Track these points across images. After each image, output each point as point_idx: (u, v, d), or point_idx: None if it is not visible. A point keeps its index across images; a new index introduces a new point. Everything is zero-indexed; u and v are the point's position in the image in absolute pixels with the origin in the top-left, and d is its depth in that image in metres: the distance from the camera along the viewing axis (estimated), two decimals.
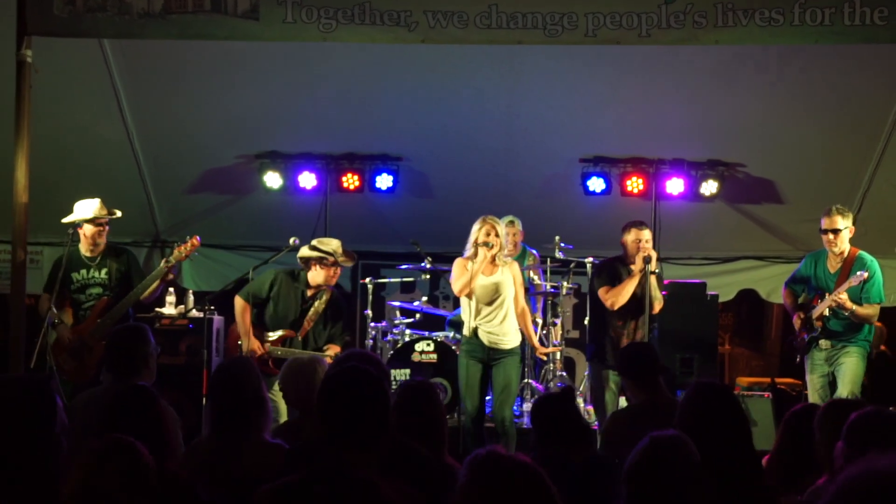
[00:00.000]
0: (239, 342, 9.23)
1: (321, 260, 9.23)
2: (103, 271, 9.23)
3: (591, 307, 9.82)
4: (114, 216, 9.38)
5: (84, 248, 9.26)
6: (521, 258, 10.66)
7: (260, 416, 5.20)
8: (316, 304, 9.28)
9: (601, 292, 9.25)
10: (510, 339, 8.92)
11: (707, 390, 4.73)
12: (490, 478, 3.23)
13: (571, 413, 5.71)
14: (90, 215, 9.21)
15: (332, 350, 9.08)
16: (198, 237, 9.24)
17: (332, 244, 9.31)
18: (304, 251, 9.30)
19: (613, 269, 9.39)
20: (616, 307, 9.18)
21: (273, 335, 9.22)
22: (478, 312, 8.87)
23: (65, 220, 9.25)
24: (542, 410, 5.78)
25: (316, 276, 9.23)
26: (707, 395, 4.67)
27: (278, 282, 9.28)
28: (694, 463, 3.90)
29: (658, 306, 9.22)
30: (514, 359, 8.91)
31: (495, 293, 8.86)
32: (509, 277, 8.92)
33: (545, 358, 9.18)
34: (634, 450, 3.94)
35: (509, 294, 8.91)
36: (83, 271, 9.22)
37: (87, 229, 9.22)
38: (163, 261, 9.21)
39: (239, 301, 9.29)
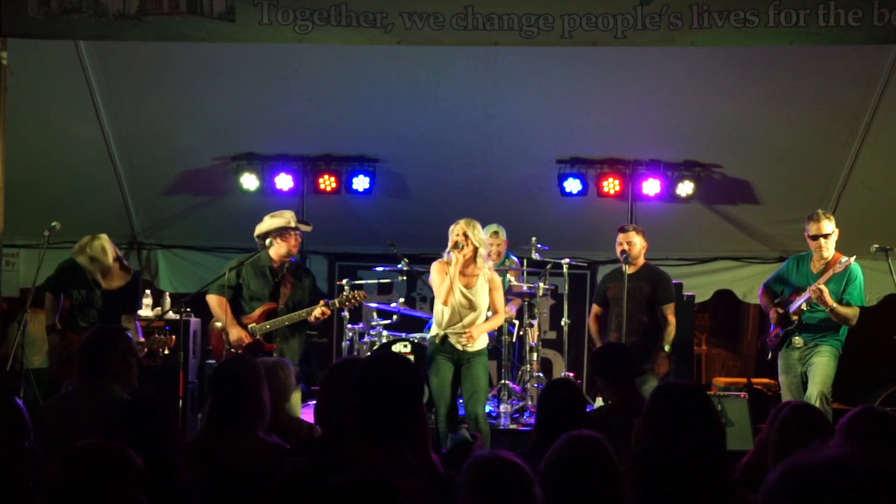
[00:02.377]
0: (223, 335, 9.26)
1: (281, 232, 9.39)
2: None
3: None
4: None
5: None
6: (500, 265, 10.69)
7: (255, 415, 5.21)
8: (285, 274, 9.47)
9: None
10: (478, 342, 9.06)
11: (673, 391, 4.73)
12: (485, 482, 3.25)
13: (578, 400, 5.78)
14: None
15: (320, 309, 9.26)
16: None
17: (286, 214, 9.51)
18: (262, 227, 9.48)
19: None
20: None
21: (254, 314, 9.30)
22: (450, 321, 8.98)
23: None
24: (550, 394, 5.84)
25: (278, 248, 9.39)
26: (673, 395, 4.66)
27: (242, 267, 9.41)
28: (611, 464, 3.91)
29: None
30: (482, 359, 9.07)
31: (470, 308, 8.99)
32: (485, 289, 9.03)
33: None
34: (550, 449, 3.95)
35: (483, 307, 9.05)
36: (84, 291, 9.21)
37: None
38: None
39: (212, 297, 9.40)
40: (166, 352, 9.08)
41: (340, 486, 3.15)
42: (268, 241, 9.36)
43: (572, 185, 11.75)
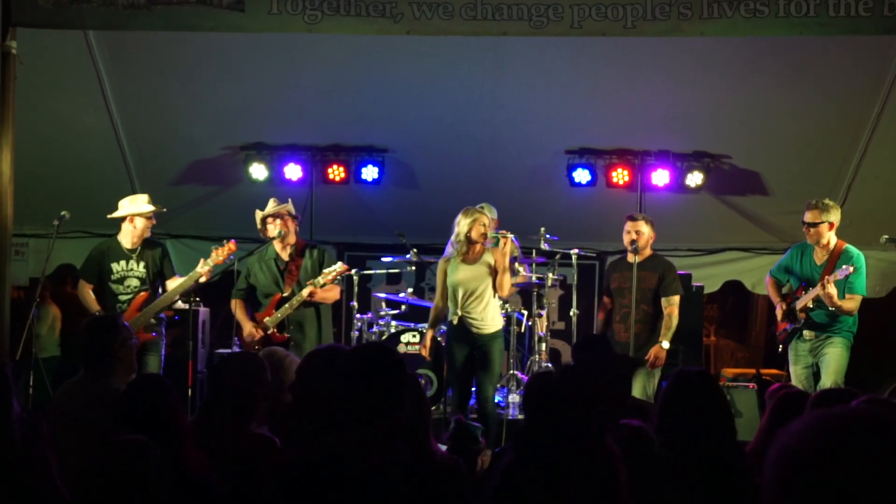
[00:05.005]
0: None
1: (263, 223, 9.55)
2: (141, 264, 9.38)
3: None
4: (161, 210, 9.53)
5: (126, 241, 9.33)
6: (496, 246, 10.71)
7: (240, 408, 5.20)
8: (290, 261, 9.51)
9: None
10: (492, 323, 9.16)
11: (688, 378, 4.77)
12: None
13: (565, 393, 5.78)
14: (145, 210, 9.33)
15: (307, 290, 9.26)
16: (234, 241, 9.31)
17: (269, 204, 9.61)
18: (258, 221, 9.62)
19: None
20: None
21: (267, 308, 9.38)
22: (464, 301, 9.10)
23: (115, 215, 9.35)
24: (537, 384, 5.87)
25: (271, 231, 9.47)
26: (688, 382, 4.71)
27: (249, 268, 9.55)
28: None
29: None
30: (497, 342, 9.17)
31: (477, 282, 9.07)
32: (488, 266, 9.12)
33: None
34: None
35: (489, 282, 9.11)
36: (122, 262, 9.31)
37: (139, 223, 9.36)
38: (200, 262, 9.22)
39: (232, 302, 9.61)
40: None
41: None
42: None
43: (581, 176, 11.76)
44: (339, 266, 9.39)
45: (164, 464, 3.77)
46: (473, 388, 9.39)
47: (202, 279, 9.21)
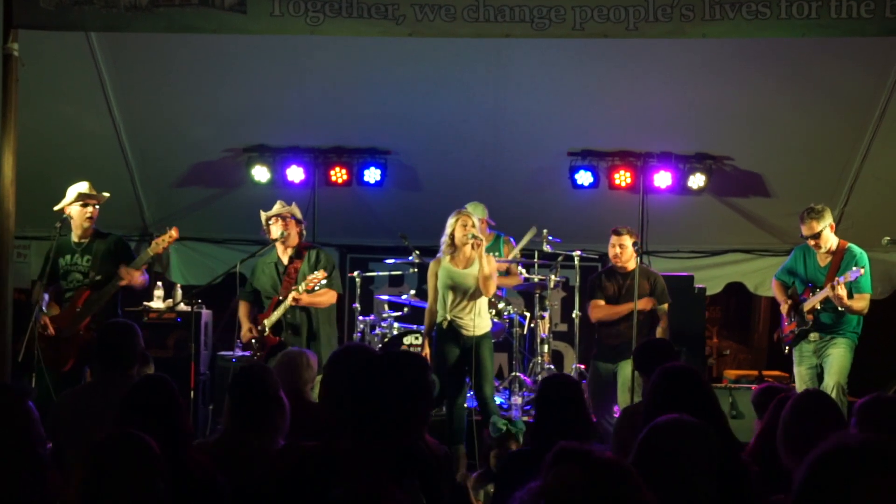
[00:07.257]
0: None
1: (267, 225, 9.62)
2: (86, 258, 9.22)
3: None
4: (102, 199, 9.35)
5: (73, 234, 9.27)
6: (493, 246, 10.71)
7: (281, 420, 5.21)
8: (291, 260, 9.57)
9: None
10: (482, 326, 9.29)
11: (671, 374, 4.78)
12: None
13: (578, 397, 5.73)
14: (75, 195, 9.21)
15: (291, 296, 9.27)
16: (176, 228, 9.24)
17: (276, 206, 9.70)
18: (262, 220, 9.70)
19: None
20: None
21: (266, 311, 9.48)
22: (453, 305, 9.25)
23: (56, 207, 9.25)
24: (549, 388, 5.81)
25: (273, 233, 9.55)
26: (671, 378, 4.72)
27: (252, 271, 9.69)
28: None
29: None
30: (486, 342, 9.34)
31: (470, 286, 9.21)
32: (475, 265, 9.24)
33: None
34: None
35: (475, 276, 9.25)
36: (68, 257, 9.25)
37: (75, 211, 9.23)
38: (143, 252, 9.24)
39: (239, 302, 9.69)
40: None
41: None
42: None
43: (584, 178, 11.74)
44: (318, 274, 9.31)
45: (165, 462, 3.76)
46: (469, 393, 9.46)
47: (144, 266, 9.22)
